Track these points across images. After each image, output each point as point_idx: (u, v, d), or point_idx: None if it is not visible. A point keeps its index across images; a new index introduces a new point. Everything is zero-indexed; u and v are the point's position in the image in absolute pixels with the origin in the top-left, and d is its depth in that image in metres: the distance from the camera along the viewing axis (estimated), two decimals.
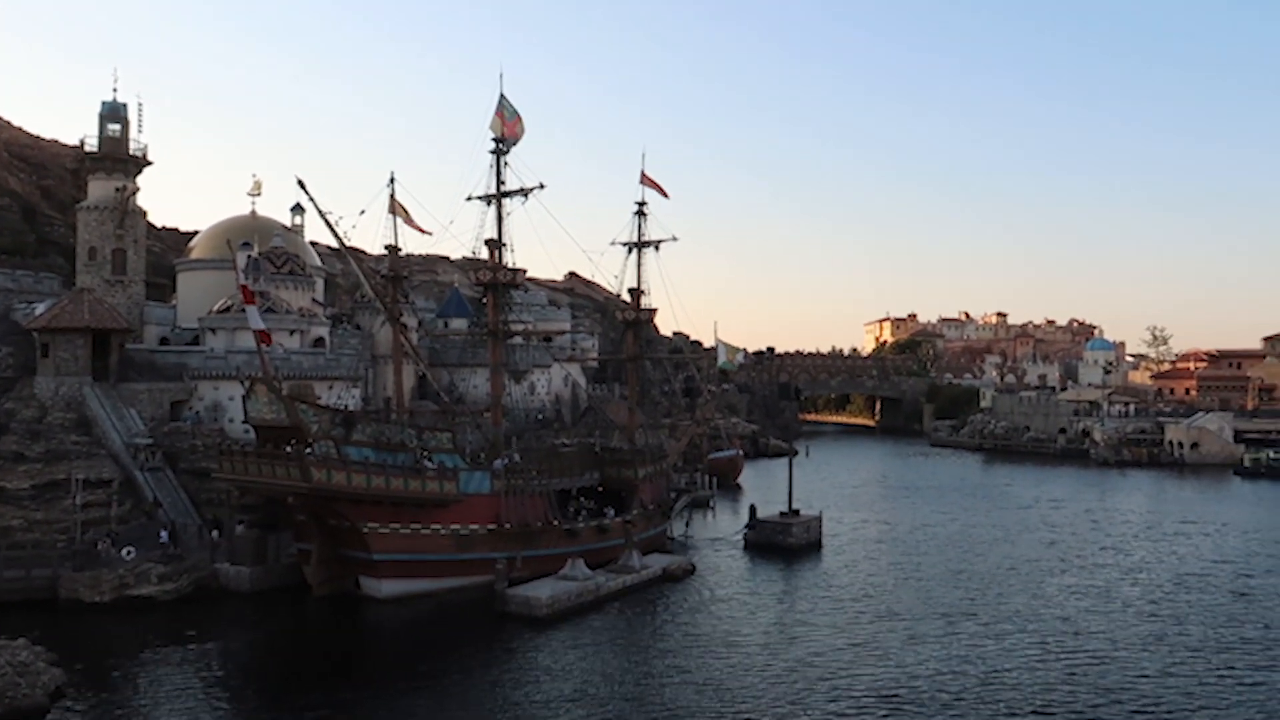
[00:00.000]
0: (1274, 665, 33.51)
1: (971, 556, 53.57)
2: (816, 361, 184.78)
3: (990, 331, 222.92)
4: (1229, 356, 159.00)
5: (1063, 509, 72.57)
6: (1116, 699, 29.64)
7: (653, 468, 56.39)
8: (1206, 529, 63.14)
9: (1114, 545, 57.51)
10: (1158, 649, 35.44)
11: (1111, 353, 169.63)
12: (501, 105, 49.46)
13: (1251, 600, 43.37)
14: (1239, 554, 54.45)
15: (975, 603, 42.62)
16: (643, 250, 58.64)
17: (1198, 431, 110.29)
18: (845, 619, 39.64)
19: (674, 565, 48.05)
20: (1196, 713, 28.58)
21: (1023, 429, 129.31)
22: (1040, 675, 32.06)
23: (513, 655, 34.49)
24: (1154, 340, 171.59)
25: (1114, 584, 46.71)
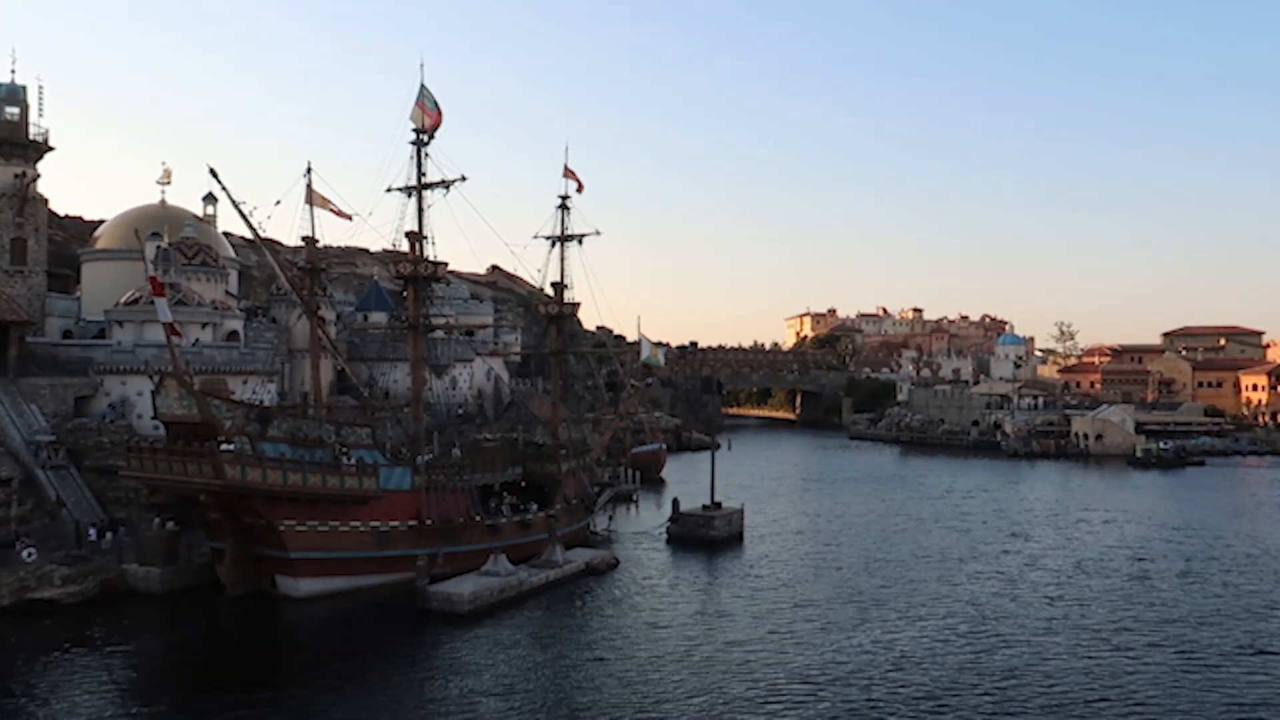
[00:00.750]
0: (1166, 643, 35.15)
1: (886, 545, 54.88)
2: (739, 356, 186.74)
3: (907, 327, 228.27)
4: (1131, 351, 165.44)
5: (973, 499, 74.76)
6: (1022, 679, 30.81)
7: (576, 462, 56.41)
8: (1106, 517, 65.73)
9: (1021, 533, 59.49)
10: (1061, 630, 36.87)
11: (1021, 348, 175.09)
12: (422, 96, 48.83)
13: (1146, 583, 45.39)
14: (1135, 540, 56.83)
15: (889, 590, 43.77)
16: (566, 244, 58.56)
17: (1101, 423, 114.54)
18: (765, 608, 40.30)
19: (597, 559, 48.17)
20: (1097, 690, 29.81)
21: (938, 422, 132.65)
22: (950, 658, 33.13)
23: (434, 652, 34.20)
24: (1061, 335, 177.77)
25: (1020, 570, 48.37)
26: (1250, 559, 50.99)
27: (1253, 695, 29.45)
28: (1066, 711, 27.99)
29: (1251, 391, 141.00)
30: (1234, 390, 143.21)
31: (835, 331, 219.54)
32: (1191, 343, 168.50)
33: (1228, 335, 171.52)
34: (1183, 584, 45.03)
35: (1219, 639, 35.70)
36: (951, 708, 28.23)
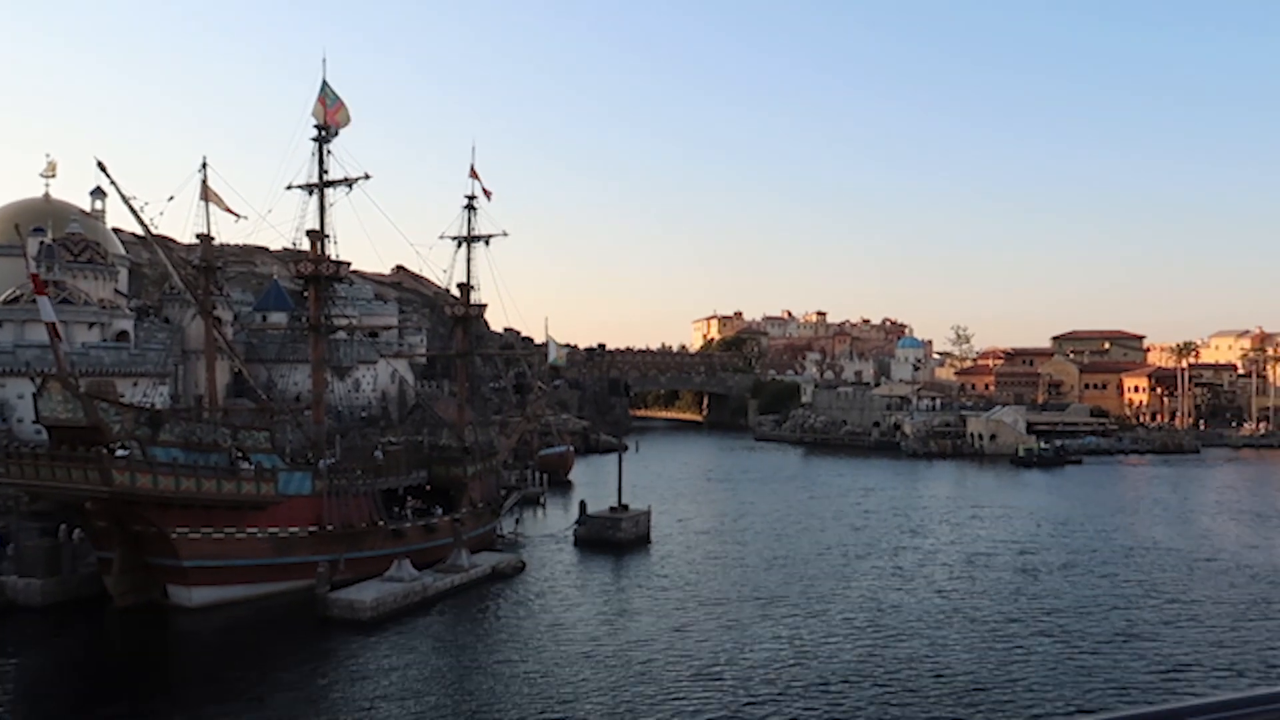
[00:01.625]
0: (1050, 631, 36.77)
1: (788, 543, 55.95)
2: (646, 358, 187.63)
3: (811, 330, 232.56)
4: (1023, 354, 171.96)
5: (872, 497, 76.72)
6: (918, 667, 31.97)
7: (482, 465, 55.93)
8: (995, 513, 68.24)
9: (916, 530, 61.33)
10: (953, 622, 38.26)
11: (920, 350, 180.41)
12: (324, 92, 47.82)
13: (1032, 575, 47.37)
14: (1022, 535, 59.16)
15: (790, 586, 44.75)
16: (472, 245, 58.05)
17: (995, 424, 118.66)
18: (669, 606, 40.70)
19: (504, 563, 47.85)
20: (986, 676, 31.10)
21: (840, 423, 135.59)
22: (848, 649, 34.16)
23: (335, 660, 33.54)
24: (958, 339, 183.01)
25: (915, 565, 49.93)
26: (1127, 551, 53.58)
27: (1126, 677, 31.12)
28: (959, 698, 29.14)
29: (1133, 393, 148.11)
30: (1117, 392, 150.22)
31: (741, 334, 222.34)
32: (1079, 346, 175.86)
33: (1112, 340, 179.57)
34: (1065, 576, 47.10)
35: (1097, 627, 37.49)
36: (850, 697, 29.14)
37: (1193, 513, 68.15)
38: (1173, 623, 38.07)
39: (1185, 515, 66.93)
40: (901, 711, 28.13)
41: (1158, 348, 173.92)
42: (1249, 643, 35.21)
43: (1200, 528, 61.59)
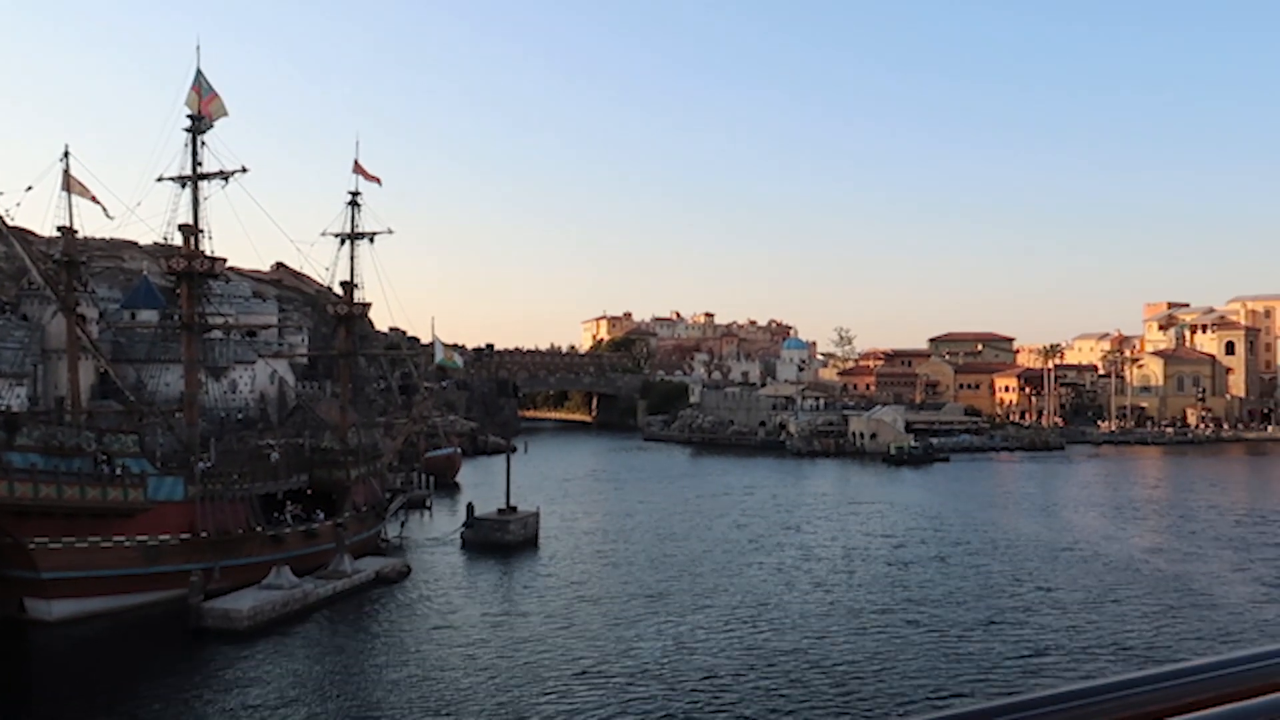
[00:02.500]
0: (921, 620, 38.25)
1: (675, 542, 56.52)
2: (536, 359, 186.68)
3: (699, 330, 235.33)
4: (902, 355, 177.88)
5: (755, 495, 78.18)
6: (799, 659, 32.79)
7: (366, 468, 54.63)
8: (871, 509, 70.46)
9: (797, 526, 62.77)
10: (832, 614, 39.43)
11: (805, 352, 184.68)
12: (198, 81, 45.91)
13: (905, 567, 49.20)
14: (896, 529, 61.31)
15: (676, 583, 45.35)
16: (356, 242, 56.67)
17: (875, 423, 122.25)
18: (557, 606, 40.66)
19: (388, 568, 46.82)
20: (864, 665, 32.12)
21: (728, 423, 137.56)
22: (731, 643, 34.86)
23: (207, 672, 32.25)
24: (841, 340, 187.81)
25: (796, 560, 51.22)
26: (994, 543, 56.01)
27: (993, 661, 32.67)
28: (838, 686, 30.12)
29: (1004, 392, 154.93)
30: (989, 391, 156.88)
31: (631, 335, 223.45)
32: (954, 348, 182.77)
33: (985, 341, 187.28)
34: (936, 568, 49.03)
35: (966, 615, 39.20)
36: (735, 689, 29.82)
37: (1056, 506, 71.69)
38: (1035, 609, 40.11)
39: (1049, 509, 70.37)
40: (785, 701, 28.84)
41: (1027, 349, 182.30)
42: (1102, 627, 37.35)
43: (1062, 520, 64.82)
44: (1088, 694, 1.48)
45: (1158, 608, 40.23)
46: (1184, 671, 1.62)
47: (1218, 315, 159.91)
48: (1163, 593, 43.08)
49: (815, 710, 28.24)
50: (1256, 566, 48.89)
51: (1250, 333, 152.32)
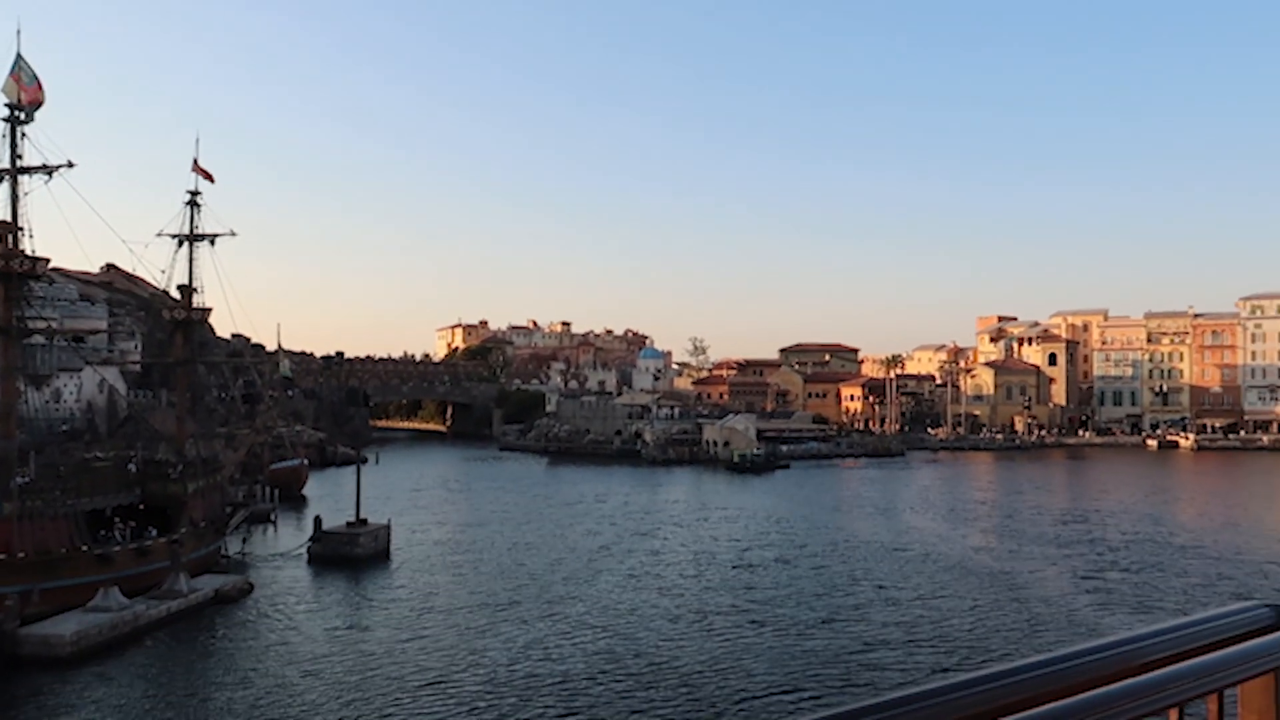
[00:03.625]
0: (764, 619, 39.50)
1: (529, 551, 56.40)
2: (388, 367, 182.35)
3: (556, 339, 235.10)
4: (754, 365, 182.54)
5: (608, 503, 78.80)
6: (649, 661, 33.37)
7: (204, 481, 52.09)
8: (719, 515, 72.26)
9: (648, 533, 63.68)
10: (680, 616, 40.25)
11: (661, 361, 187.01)
12: (18, 68, 42.84)
13: (749, 570, 50.76)
14: (742, 534, 63.12)
15: (529, 591, 45.43)
16: (195, 243, 54.11)
17: (728, 431, 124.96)
18: (408, 619, 40.02)
19: (228, 586, 44.74)
20: (712, 664, 32.90)
21: (584, 432, 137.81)
22: (584, 648, 35.23)
23: (26, 704, 30.04)
24: (695, 350, 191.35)
25: (645, 565, 52.09)
26: (833, 545, 58.33)
27: (828, 655, 34.08)
28: (687, 687, 30.76)
29: (850, 401, 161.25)
30: (836, 400, 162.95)
31: (487, 343, 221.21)
32: (803, 358, 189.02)
33: (832, 352, 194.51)
34: (779, 570, 50.73)
35: (806, 613, 40.79)
36: (584, 693, 30.19)
37: (895, 509, 75.13)
38: (870, 606, 42.15)
39: (888, 512, 73.70)
40: (635, 703, 29.32)
41: (871, 359, 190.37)
42: (931, 621, 39.55)
43: (900, 523, 68.01)
44: (920, 698, 1.57)
45: (981, 602, 42.83)
46: (1013, 670, 1.75)
47: (1042, 328, 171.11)
48: (987, 588, 45.84)
49: (664, 711, 28.68)
50: (1071, 561, 52.58)
51: (1070, 345, 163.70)
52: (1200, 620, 2.09)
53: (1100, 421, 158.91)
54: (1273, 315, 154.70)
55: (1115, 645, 1.90)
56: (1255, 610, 2.16)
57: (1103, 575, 48.83)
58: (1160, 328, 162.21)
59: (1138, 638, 1.95)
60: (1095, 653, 1.84)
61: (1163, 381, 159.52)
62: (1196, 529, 64.73)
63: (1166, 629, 2.03)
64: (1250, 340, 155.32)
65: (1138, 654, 1.89)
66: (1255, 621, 2.12)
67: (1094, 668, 1.79)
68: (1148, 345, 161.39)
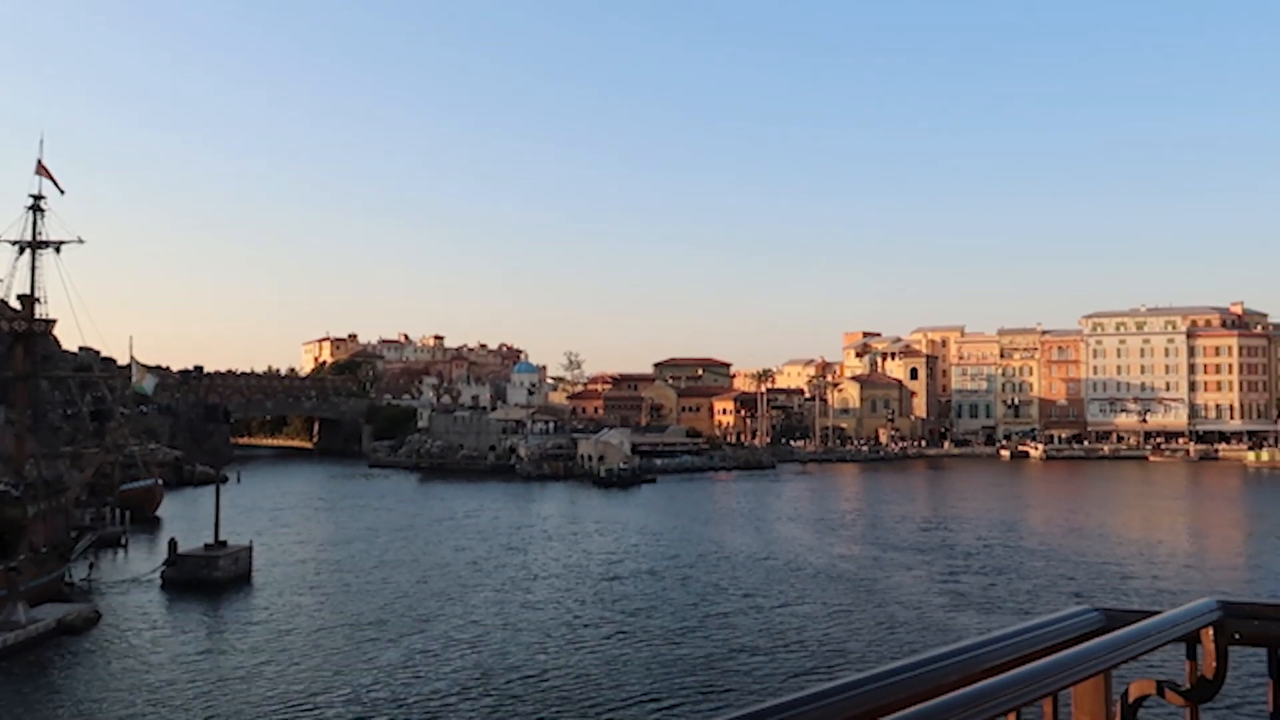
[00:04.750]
0: (631, 630, 39.81)
1: (398, 569, 55.33)
2: (251, 381, 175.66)
3: (429, 354, 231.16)
4: (629, 379, 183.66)
5: (479, 519, 77.99)
6: (514, 675, 33.13)
7: (46, 504, 48.95)
8: (593, 529, 72.60)
9: (520, 548, 63.43)
10: (549, 629, 40.13)
11: (536, 375, 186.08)
12: None
13: (618, 582, 51.13)
14: (613, 547, 63.46)
15: (396, 609, 44.71)
16: (39, 251, 50.92)
17: (603, 446, 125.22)
18: (269, 642, 38.76)
19: (73, 615, 42.14)
20: (580, 676, 32.92)
21: (457, 447, 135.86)
22: (448, 665, 34.68)
23: None
24: (571, 364, 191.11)
25: (515, 580, 51.87)
26: (699, 556, 59.25)
27: (697, 662, 34.52)
28: (558, 701, 30.60)
29: (722, 415, 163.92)
30: (709, 414, 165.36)
31: (356, 357, 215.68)
32: (677, 373, 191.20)
33: (705, 366, 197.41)
34: (647, 581, 51.21)
35: (672, 623, 41.26)
36: (452, 710, 29.75)
37: (763, 520, 76.87)
38: (737, 614, 43.05)
39: (757, 523, 75.38)
40: (506, 718, 28.94)
41: (742, 374, 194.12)
42: (793, 627, 40.63)
43: (768, 533, 69.64)
44: (787, 707, 1.62)
45: (844, 607, 44.30)
46: (856, 683, 1.79)
47: (904, 344, 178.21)
48: (850, 594, 47.42)
49: None
50: (930, 566, 54.89)
51: (930, 360, 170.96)
52: (1037, 625, 2.20)
53: (958, 433, 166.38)
54: (1111, 332, 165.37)
55: (956, 653, 1.98)
56: (1087, 614, 2.31)
57: (958, 579, 51.11)
58: (1012, 344, 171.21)
59: (977, 645, 2.04)
60: (936, 661, 1.92)
61: (1014, 395, 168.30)
62: (1043, 534, 68.50)
63: (1005, 635, 2.12)
64: (1092, 356, 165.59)
65: (978, 661, 1.98)
66: (1088, 625, 2.27)
67: (935, 676, 1.86)
68: (1001, 360, 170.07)
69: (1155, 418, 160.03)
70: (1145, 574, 52.65)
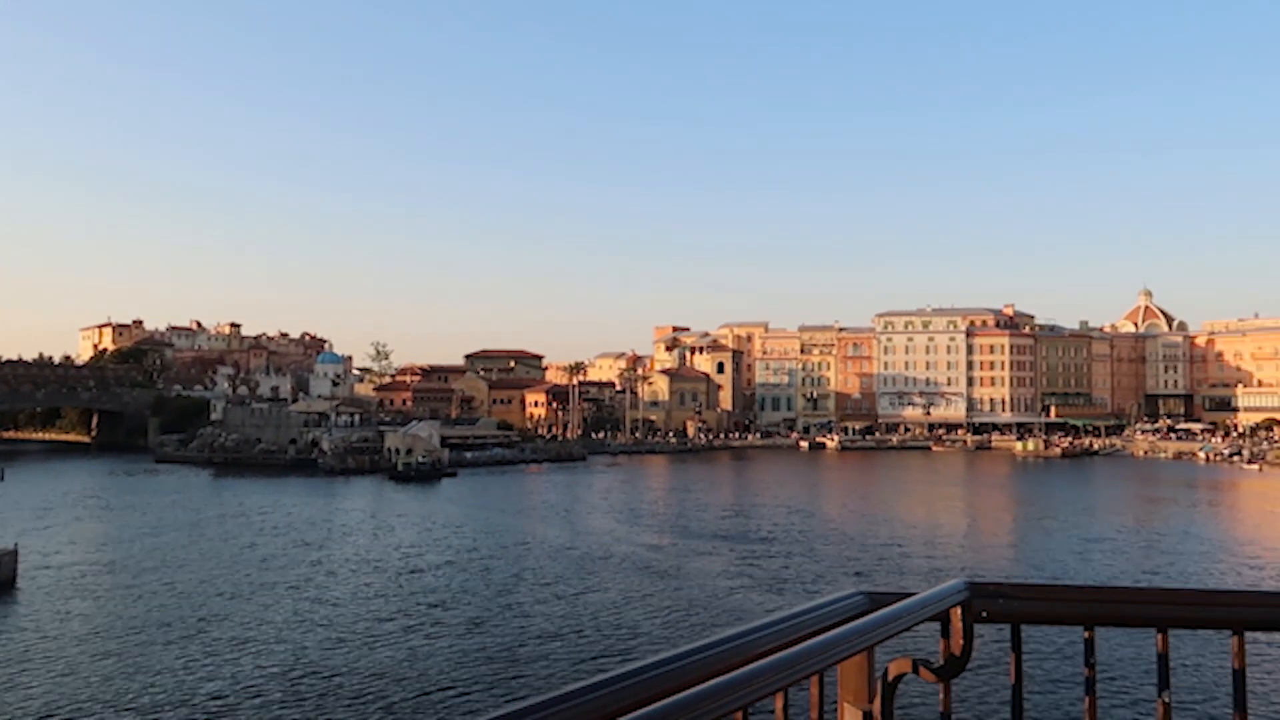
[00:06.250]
0: (426, 624, 39.15)
1: (180, 569, 52.37)
2: (19, 370, 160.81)
3: (224, 342, 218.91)
4: (439, 371, 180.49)
5: (274, 515, 74.74)
6: (305, 673, 31.93)
7: None
8: (396, 523, 71.01)
9: (314, 543, 61.18)
10: (344, 626, 38.91)
11: (341, 366, 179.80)
12: None
13: (416, 575, 50.27)
14: (416, 541, 62.23)
15: (175, 611, 42.24)
16: None
17: (411, 438, 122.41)
18: (32, 651, 35.72)
19: None
20: (375, 673, 32.07)
21: (255, 441, 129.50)
22: (233, 667, 33.09)
23: None
24: (378, 355, 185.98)
25: (309, 577, 49.93)
26: (503, 549, 59.01)
27: (496, 652, 34.16)
28: (358, 697, 29.78)
29: (534, 407, 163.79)
30: (521, 406, 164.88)
31: (142, 345, 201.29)
32: (488, 364, 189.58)
33: (517, 358, 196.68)
34: (448, 574, 50.51)
35: (475, 613, 40.99)
36: (236, 709, 28.46)
37: (572, 512, 77.50)
38: (538, 603, 43.14)
39: (566, 515, 75.94)
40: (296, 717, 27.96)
41: (555, 366, 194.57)
42: (593, 613, 41.03)
43: (576, 524, 70.26)
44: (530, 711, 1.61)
45: (646, 593, 45.33)
46: (632, 672, 1.81)
47: (712, 339, 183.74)
48: (652, 580, 48.58)
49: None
50: (728, 553, 56.90)
51: (736, 354, 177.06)
52: (808, 610, 2.29)
53: (761, 425, 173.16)
54: (900, 330, 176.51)
55: (727, 640, 2.03)
56: (853, 598, 2.41)
57: (754, 563, 53.28)
58: (812, 340, 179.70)
59: (748, 631, 2.11)
60: (707, 649, 1.97)
61: (813, 389, 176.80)
62: (835, 520, 72.42)
63: (774, 620, 2.19)
64: (883, 352, 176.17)
65: (749, 646, 2.04)
66: (854, 608, 2.36)
67: (708, 663, 1.91)
68: (801, 356, 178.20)
69: (938, 410, 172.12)
70: (922, 555, 56.59)
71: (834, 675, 2.28)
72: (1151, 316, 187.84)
